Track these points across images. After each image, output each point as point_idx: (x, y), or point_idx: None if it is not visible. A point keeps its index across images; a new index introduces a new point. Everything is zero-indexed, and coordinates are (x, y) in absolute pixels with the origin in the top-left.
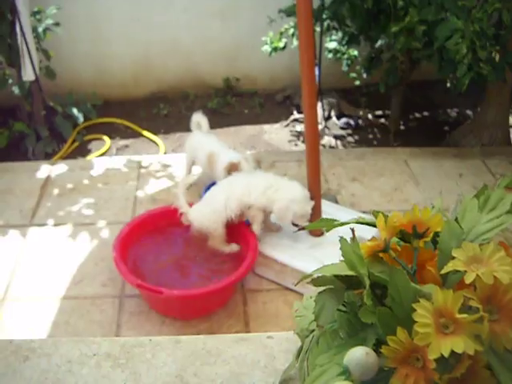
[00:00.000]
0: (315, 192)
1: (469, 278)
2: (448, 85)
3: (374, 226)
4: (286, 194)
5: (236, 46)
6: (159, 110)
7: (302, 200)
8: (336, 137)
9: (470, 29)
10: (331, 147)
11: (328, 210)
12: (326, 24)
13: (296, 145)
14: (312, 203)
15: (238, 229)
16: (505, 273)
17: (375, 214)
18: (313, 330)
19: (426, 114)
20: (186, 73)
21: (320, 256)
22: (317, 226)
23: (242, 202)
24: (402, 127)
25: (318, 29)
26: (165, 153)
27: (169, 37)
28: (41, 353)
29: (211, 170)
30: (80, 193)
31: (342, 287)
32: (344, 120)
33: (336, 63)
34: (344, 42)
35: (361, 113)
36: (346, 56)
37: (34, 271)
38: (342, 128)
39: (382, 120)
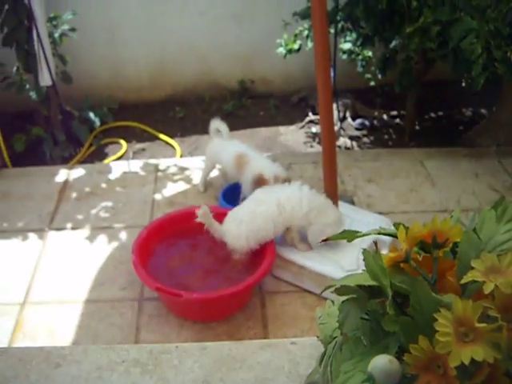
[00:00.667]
0: (332, 194)
1: (487, 288)
2: (463, 84)
3: (395, 236)
4: (322, 219)
5: (251, 48)
6: (175, 113)
7: (336, 224)
8: (351, 138)
9: (484, 28)
10: (347, 148)
11: (345, 211)
12: (340, 25)
13: (312, 146)
14: (344, 226)
15: None
16: None
17: (396, 225)
18: (336, 337)
19: (441, 113)
20: (202, 76)
21: (337, 258)
22: (340, 237)
23: (286, 226)
24: (417, 127)
25: (332, 30)
26: (181, 156)
27: (184, 40)
28: (71, 360)
29: (239, 171)
30: (98, 196)
31: (365, 296)
32: (359, 121)
33: (350, 64)
34: (358, 43)
35: (376, 113)
36: (360, 57)
37: (54, 275)
38: (357, 129)
39: (397, 120)
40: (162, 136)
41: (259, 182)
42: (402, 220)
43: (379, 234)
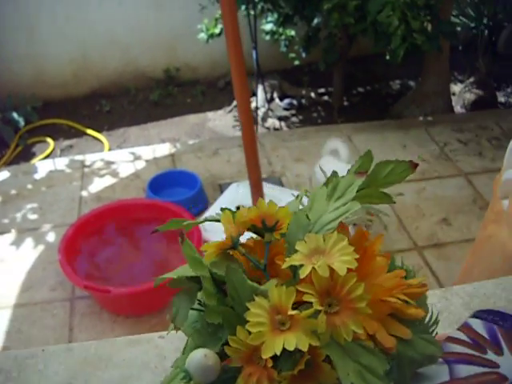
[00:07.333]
0: (255, 176)
1: (304, 272)
2: (387, 57)
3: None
4: None
5: (173, 36)
6: (101, 107)
7: None
8: (280, 118)
9: (400, 0)
10: (276, 129)
11: (272, 193)
12: (259, 7)
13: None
14: None
15: None
16: (343, 263)
17: (223, 209)
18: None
19: (369, 88)
20: (126, 67)
21: None
22: (167, 227)
23: None
24: (345, 103)
25: (252, 12)
26: (109, 149)
27: (105, 32)
28: None
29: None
30: (24, 198)
31: (196, 287)
32: (287, 101)
33: (274, 45)
34: (279, 23)
35: (303, 92)
36: (283, 37)
37: None
38: (286, 109)
39: (326, 97)
40: (89, 131)
41: None
42: None
43: (207, 220)
